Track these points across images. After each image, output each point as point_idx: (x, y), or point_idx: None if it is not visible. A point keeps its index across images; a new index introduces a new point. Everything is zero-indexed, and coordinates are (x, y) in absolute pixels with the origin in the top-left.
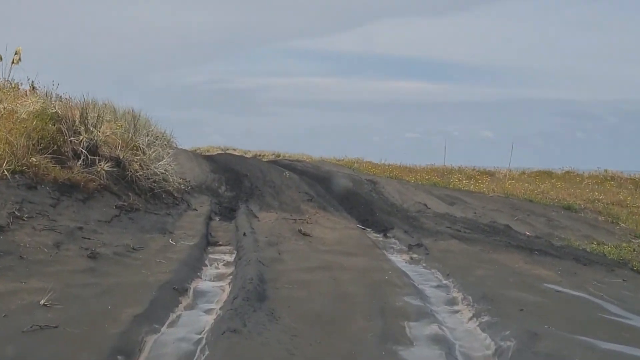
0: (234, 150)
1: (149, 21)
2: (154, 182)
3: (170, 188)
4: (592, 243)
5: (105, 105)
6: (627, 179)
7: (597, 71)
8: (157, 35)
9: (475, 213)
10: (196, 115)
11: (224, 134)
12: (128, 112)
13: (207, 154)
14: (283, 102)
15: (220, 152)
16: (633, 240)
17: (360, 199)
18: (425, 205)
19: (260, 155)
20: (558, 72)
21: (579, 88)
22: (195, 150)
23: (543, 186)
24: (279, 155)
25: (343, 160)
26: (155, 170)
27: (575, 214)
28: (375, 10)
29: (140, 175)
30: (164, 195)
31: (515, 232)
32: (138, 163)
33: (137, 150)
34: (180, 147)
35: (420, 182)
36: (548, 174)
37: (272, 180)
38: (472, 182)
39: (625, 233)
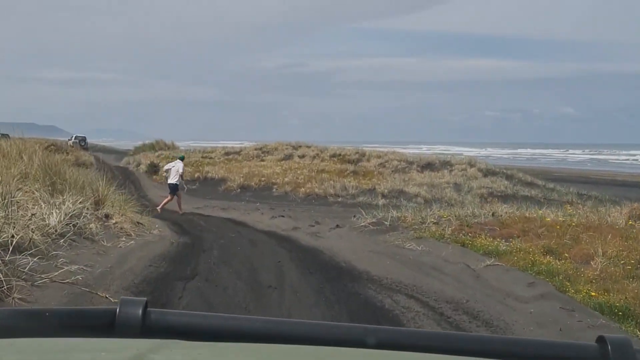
0: (308, 147)
1: (224, 7)
2: None
3: None
4: None
5: None
6: None
7: None
8: (231, 20)
9: None
10: (273, 99)
11: (301, 118)
12: None
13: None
14: (359, 84)
15: (292, 147)
16: None
17: None
18: None
19: (339, 155)
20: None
21: None
22: (261, 149)
23: None
24: (362, 155)
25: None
26: None
27: None
28: None
29: None
30: None
31: None
32: None
33: None
34: None
35: None
36: None
37: None
38: None
39: None
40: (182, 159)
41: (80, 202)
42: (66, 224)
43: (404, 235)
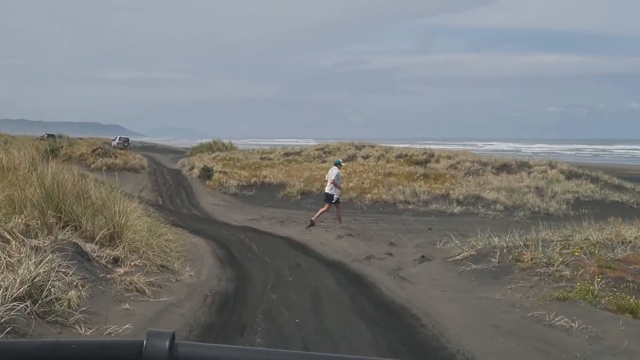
0: (372, 147)
1: (285, 6)
2: None
3: None
4: None
5: None
6: None
7: None
8: (292, 19)
9: None
10: (334, 97)
11: (362, 114)
12: None
13: None
14: (421, 80)
15: (354, 147)
16: None
17: None
18: None
19: (405, 156)
20: None
21: None
22: (322, 149)
23: None
24: (431, 155)
25: None
26: None
27: None
28: None
29: None
30: None
31: None
32: None
33: None
34: None
35: None
36: None
37: None
38: None
39: None
40: (337, 164)
41: (53, 257)
42: (21, 298)
43: (535, 292)
